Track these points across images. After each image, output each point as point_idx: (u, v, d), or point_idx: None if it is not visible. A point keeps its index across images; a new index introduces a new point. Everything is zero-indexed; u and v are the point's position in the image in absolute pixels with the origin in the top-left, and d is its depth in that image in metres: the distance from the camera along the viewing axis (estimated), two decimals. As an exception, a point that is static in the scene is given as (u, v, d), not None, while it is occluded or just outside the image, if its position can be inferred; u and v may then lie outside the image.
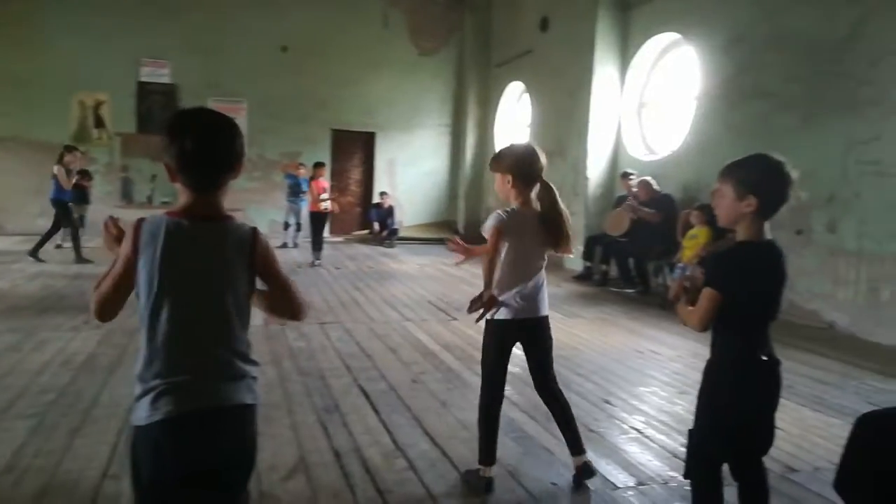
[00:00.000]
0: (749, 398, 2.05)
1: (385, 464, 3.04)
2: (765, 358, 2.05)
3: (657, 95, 9.41)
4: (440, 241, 13.31)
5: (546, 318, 2.92)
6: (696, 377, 2.24)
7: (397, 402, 3.89)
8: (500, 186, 2.90)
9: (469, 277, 8.69)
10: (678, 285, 2.21)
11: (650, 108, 9.56)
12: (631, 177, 8.68)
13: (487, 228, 2.83)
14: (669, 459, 3.23)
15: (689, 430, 2.23)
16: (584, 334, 5.83)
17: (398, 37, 14.01)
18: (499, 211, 2.83)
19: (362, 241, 13.45)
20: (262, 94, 13.02)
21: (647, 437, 3.51)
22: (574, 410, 3.64)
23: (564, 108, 10.50)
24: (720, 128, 7.62)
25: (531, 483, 2.90)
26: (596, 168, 9.75)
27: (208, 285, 1.55)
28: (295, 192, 11.81)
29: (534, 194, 2.85)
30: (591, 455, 3.13)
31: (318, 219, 9.92)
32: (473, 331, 5.78)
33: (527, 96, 12.59)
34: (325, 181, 10.13)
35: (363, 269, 9.53)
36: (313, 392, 4.04)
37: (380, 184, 13.98)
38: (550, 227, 2.82)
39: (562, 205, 2.86)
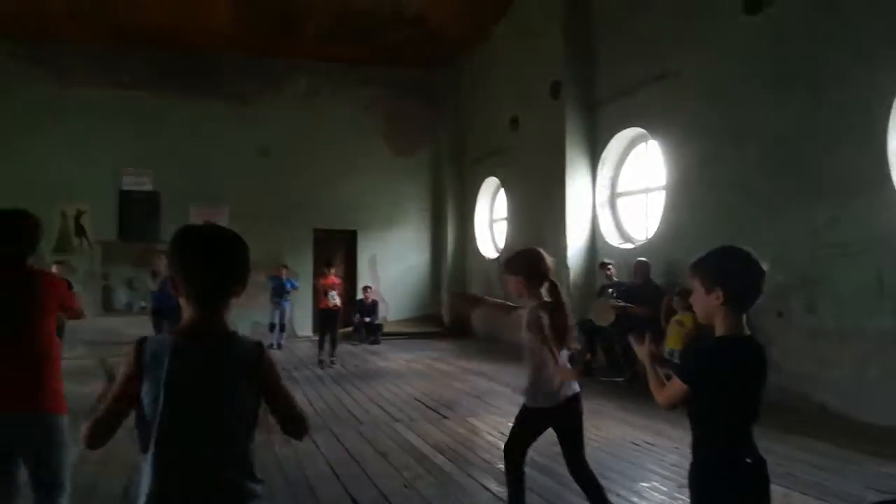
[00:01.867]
0: None
1: (382, 581, 2.90)
2: (749, 461, 1.99)
3: (629, 185, 9.74)
4: (425, 336, 13.27)
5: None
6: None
7: (390, 512, 3.76)
8: (513, 287, 3.25)
9: (458, 373, 8.60)
10: (652, 372, 2.20)
11: (623, 198, 9.86)
12: (609, 266, 8.83)
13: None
14: (676, 560, 3.12)
15: None
16: (576, 427, 5.73)
17: (373, 140, 14.41)
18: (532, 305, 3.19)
19: (346, 338, 13.31)
20: (243, 198, 13.20)
21: (650, 536, 3.40)
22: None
23: (540, 201, 10.79)
24: (689, 216, 7.86)
25: None
26: (575, 258, 9.91)
27: (214, 408, 1.54)
28: (279, 293, 11.80)
29: (544, 290, 3.20)
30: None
31: (328, 316, 9.87)
32: (464, 430, 5.68)
33: (503, 191, 12.94)
34: (334, 277, 10.12)
35: (348, 368, 9.38)
36: (302, 504, 3.90)
37: (363, 281, 14.01)
38: (555, 321, 3.08)
39: (566, 300, 3.20)
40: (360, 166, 14.18)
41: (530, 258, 3.26)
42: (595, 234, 9.95)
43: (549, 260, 3.24)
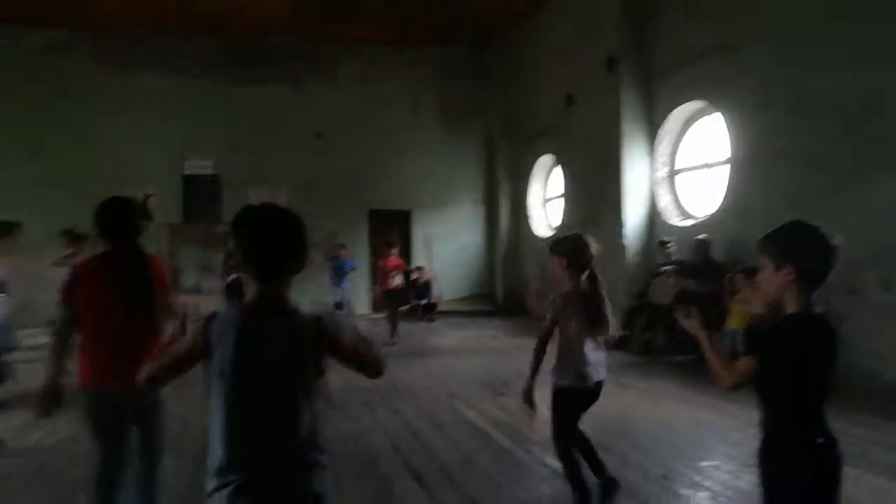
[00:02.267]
0: (812, 490, 1.93)
1: (444, 551, 2.96)
2: (821, 441, 1.94)
3: (690, 160, 9.47)
4: (480, 314, 13.31)
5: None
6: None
7: (449, 485, 3.81)
8: (556, 269, 3.40)
9: (512, 350, 8.60)
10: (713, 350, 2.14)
11: (683, 173, 9.60)
12: (668, 245, 8.63)
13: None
14: (741, 538, 3.07)
15: None
16: (636, 406, 5.67)
17: (427, 119, 14.49)
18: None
19: (402, 317, 13.47)
20: (299, 180, 13.46)
21: (714, 514, 3.35)
22: (634, 486, 3.54)
23: (596, 178, 10.61)
24: (755, 191, 7.59)
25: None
26: (633, 236, 9.73)
27: (277, 380, 1.60)
28: (339, 273, 11.79)
29: (584, 278, 3.33)
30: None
31: (393, 296, 9.98)
32: (521, 407, 5.69)
33: (558, 168, 12.78)
34: (395, 259, 10.22)
35: (406, 346, 9.49)
36: (364, 476, 4.00)
37: (417, 260, 14.12)
38: (591, 310, 3.24)
39: (603, 292, 3.32)
40: (412, 147, 14.27)
41: (576, 244, 3.40)
42: (653, 212, 9.73)
43: (594, 248, 3.36)
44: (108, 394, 2.72)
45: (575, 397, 3.34)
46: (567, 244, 3.42)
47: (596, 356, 3.33)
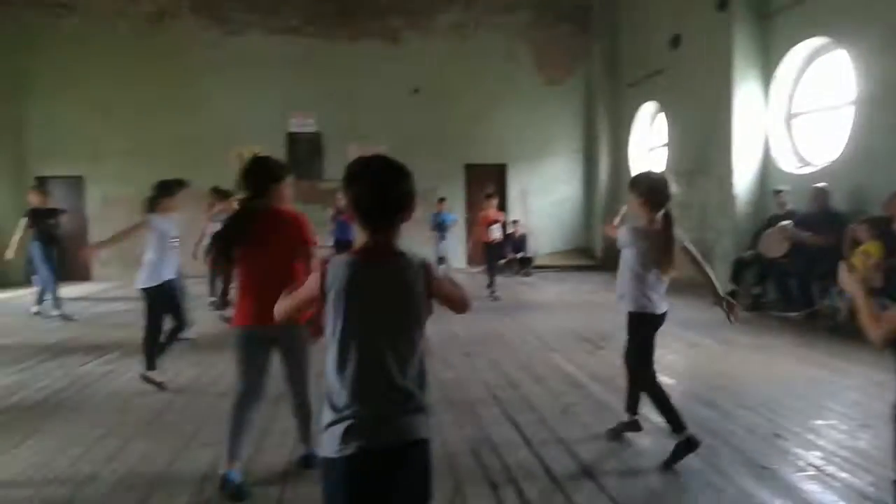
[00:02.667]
0: None
1: (541, 497, 3.01)
2: None
3: (808, 104, 8.76)
4: (577, 268, 13.13)
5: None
6: (880, 408, 2.05)
7: (549, 435, 3.85)
8: (633, 206, 3.50)
9: (613, 305, 8.44)
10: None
11: (801, 118, 8.91)
12: (782, 194, 8.09)
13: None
14: (858, 500, 2.92)
15: (894, 482, 2.01)
16: (744, 363, 5.46)
17: (524, 69, 14.20)
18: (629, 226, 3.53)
19: (499, 271, 13.52)
20: (398, 136, 13.62)
21: (828, 474, 3.20)
22: (741, 445, 3.45)
23: (704, 125, 10.06)
24: (883, 135, 6.94)
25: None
26: (743, 185, 9.20)
27: (389, 320, 1.67)
28: (440, 227, 11.86)
29: (659, 217, 3.42)
30: (763, 494, 2.95)
31: (492, 249, 10.06)
32: (621, 360, 5.62)
33: (662, 116, 12.21)
34: (495, 212, 10.27)
35: (503, 300, 9.54)
36: (465, 422, 4.10)
37: (514, 214, 14.05)
38: (662, 248, 3.34)
39: (677, 233, 3.38)
40: (509, 98, 14.07)
41: (655, 183, 3.44)
42: (767, 159, 9.14)
43: (672, 189, 3.40)
44: (252, 332, 3.14)
45: (647, 321, 3.48)
46: (645, 182, 3.46)
47: (660, 290, 3.47)
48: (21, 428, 4.13)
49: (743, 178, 9.19)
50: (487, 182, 14.01)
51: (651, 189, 3.42)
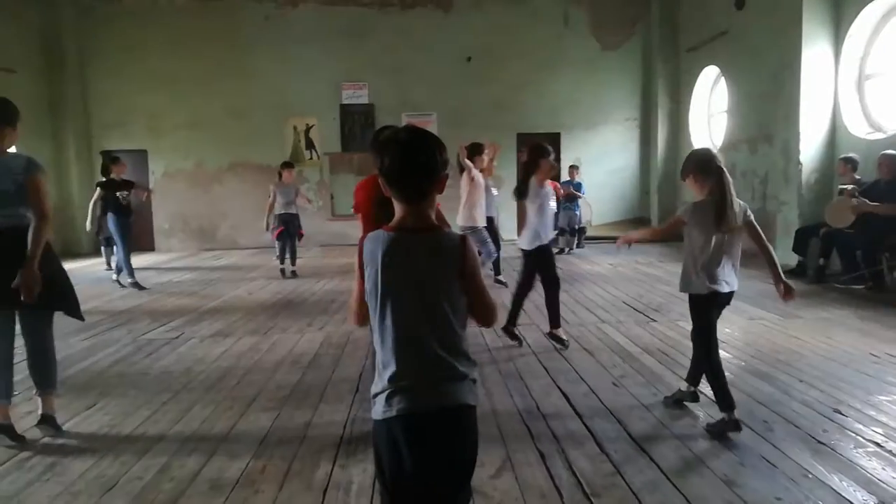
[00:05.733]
0: None
1: (591, 467, 3.02)
2: None
3: (882, 65, 8.26)
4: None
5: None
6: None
7: (599, 406, 3.84)
8: (691, 187, 3.51)
9: (668, 277, 8.29)
10: None
11: (874, 80, 8.42)
12: (851, 161, 7.69)
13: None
14: (921, 479, 2.83)
15: None
16: (805, 336, 5.29)
17: (579, 34, 13.86)
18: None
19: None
20: (450, 106, 13.59)
21: (888, 451, 3.10)
22: (798, 420, 3.39)
23: (769, 90, 9.63)
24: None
25: (751, 495, 2.71)
26: (809, 152, 8.80)
27: (425, 292, 1.67)
28: (571, 197, 11.39)
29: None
30: (819, 469, 2.89)
31: None
32: (675, 333, 5.54)
33: (723, 80, 11.74)
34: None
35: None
36: (514, 392, 4.13)
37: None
38: (717, 204, 3.30)
39: (731, 191, 3.32)
40: (563, 65, 13.80)
41: (700, 157, 3.46)
42: (835, 125, 8.71)
43: (719, 158, 3.41)
44: None
45: (707, 301, 3.43)
46: (690, 161, 3.48)
47: (727, 268, 3.41)
48: (93, 391, 4.37)
49: (809, 144, 8.79)
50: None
51: (698, 164, 3.41)
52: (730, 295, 3.47)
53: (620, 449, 3.22)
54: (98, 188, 8.70)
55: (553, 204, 5.37)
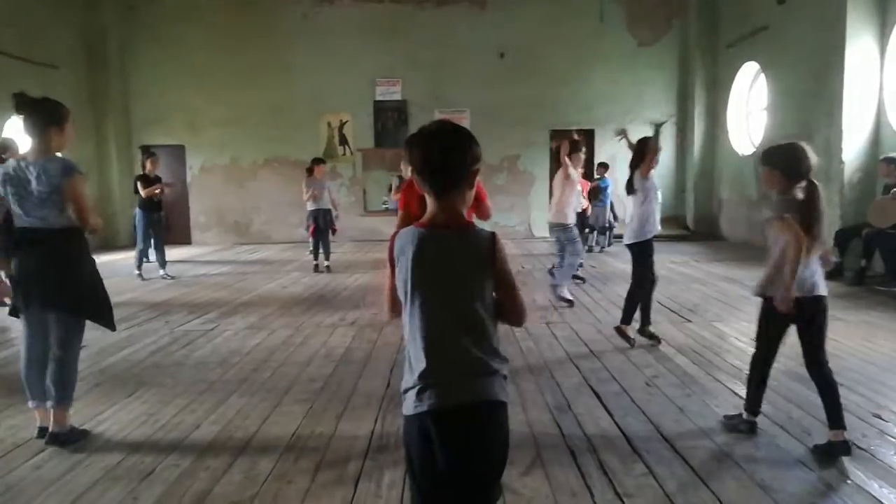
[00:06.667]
0: None
1: (623, 467, 2.99)
2: None
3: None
4: (666, 238, 12.68)
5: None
6: None
7: (631, 406, 3.81)
8: (767, 179, 3.17)
9: (704, 277, 8.15)
10: None
11: (922, 75, 8.16)
12: (895, 162, 7.46)
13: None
14: (967, 489, 2.74)
15: None
16: (844, 340, 5.16)
17: (615, 30, 13.67)
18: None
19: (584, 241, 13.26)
20: (482, 102, 13.54)
21: (933, 460, 3.01)
22: (838, 424, 3.29)
23: (810, 87, 9.40)
24: None
25: (787, 500, 2.65)
26: (852, 151, 8.57)
27: (455, 288, 1.68)
28: (602, 194, 11.34)
29: (799, 190, 3.05)
30: (858, 474, 2.82)
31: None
32: (710, 334, 5.45)
33: (763, 77, 11.49)
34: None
35: (586, 270, 9.39)
36: (545, 390, 4.12)
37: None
38: (806, 220, 2.99)
39: (822, 205, 3.03)
40: (598, 61, 13.64)
41: (792, 152, 3.10)
42: (879, 123, 8.46)
43: (812, 159, 3.05)
44: None
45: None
46: (780, 154, 3.14)
47: (813, 268, 3.17)
48: (131, 381, 4.48)
49: (852, 143, 8.56)
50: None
51: (788, 161, 3.08)
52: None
53: (653, 449, 3.18)
54: (136, 182, 8.90)
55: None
